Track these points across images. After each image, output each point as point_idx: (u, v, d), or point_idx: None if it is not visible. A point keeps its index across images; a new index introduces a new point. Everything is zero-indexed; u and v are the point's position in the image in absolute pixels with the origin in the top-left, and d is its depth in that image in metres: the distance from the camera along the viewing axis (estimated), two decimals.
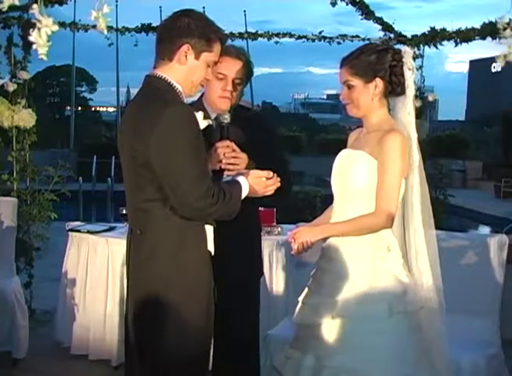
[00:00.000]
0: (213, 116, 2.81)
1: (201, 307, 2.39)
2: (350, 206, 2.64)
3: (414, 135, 2.63)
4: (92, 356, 4.37)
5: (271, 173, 2.48)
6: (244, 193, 2.41)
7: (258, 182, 2.46)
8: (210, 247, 2.46)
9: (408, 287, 2.60)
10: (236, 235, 2.71)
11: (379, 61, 2.60)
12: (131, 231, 2.50)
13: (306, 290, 2.74)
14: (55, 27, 2.15)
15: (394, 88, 2.63)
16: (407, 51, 2.64)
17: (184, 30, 2.36)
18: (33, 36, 2.10)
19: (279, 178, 2.50)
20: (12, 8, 2.12)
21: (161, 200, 2.33)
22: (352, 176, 2.62)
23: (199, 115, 2.44)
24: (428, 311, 2.64)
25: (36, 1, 2.08)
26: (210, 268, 2.44)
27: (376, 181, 2.56)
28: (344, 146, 2.81)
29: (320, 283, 2.67)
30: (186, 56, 2.37)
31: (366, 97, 2.62)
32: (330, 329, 2.58)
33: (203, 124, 2.48)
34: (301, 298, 2.75)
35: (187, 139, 2.27)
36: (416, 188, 2.63)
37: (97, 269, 4.35)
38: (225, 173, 2.68)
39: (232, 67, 2.81)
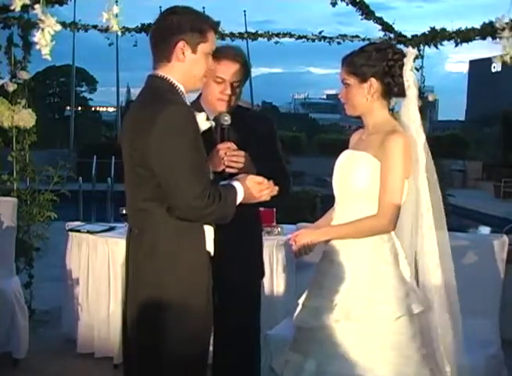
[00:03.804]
0: (211, 117, 2.81)
1: (199, 307, 2.38)
2: (352, 208, 2.62)
3: (418, 138, 2.61)
4: (98, 354, 4.39)
5: (265, 180, 2.46)
6: (239, 198, 2.40)
7: (254, 187, 2.44)
8: (210, 247, 2.45)
9: (411, 289, 2.59)
10: (237, 236, 2.71)
11: (375, 60, 2.58)
12: (129, 230, 2.51)
13: (306, 292, 2.72)
14: (58, 27, 2.15)
15: (391, 89, 2.61)
16: (410, 51, 2.62)
17: (175, 27, 2.36)
18: (36, 36, 2.10)
19: (276, 188, 2.49)
20: (21, 7, 2.12)
21: (159, 199, 2.33)
22: (355, 177, 2.60)
23: (202, 116, 2.45)
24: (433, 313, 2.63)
25: (38, 1, 2.08)
26: (209, 268, 2.43)
27: (378, 183, 2.55)
28: (346, 147, 2.80)
29: (321, 285, 2.65)
30: (184, 53, 2.37)
31: (361, 97, 2.61)
32: (331, 333, 2.56)
33: (205, 125, 2.49)
34: (301, 301, 2.72)
35: (186, 138, 2.28)
36: (424, 190, 2.62)
37: (98, 269, 4.36)
38: (227, 170, 2.68)
39: (230, 71, 2.82)
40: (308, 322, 2.64)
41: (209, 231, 2.44)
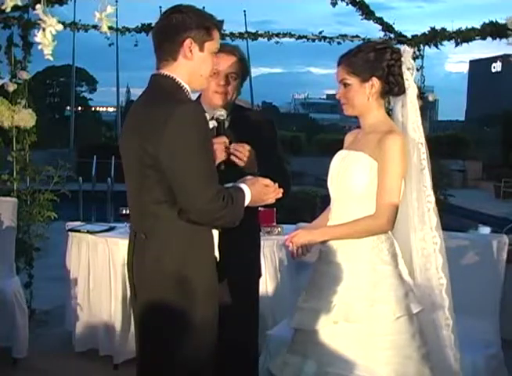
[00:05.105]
0: (211, 115, 2.80)
1: (207, 311, 2.36)
2: (349, 208, 2.61)
3: (413, 137, 2.61)
4: (101, 353, 4.39)
5: (272, 182, 2.45)
6: (247, 201, 2.37)
7: (261, 190, 2.42)
8: (216, 252, 2.43)
9: (410, 288, 2.59)
10: (236, 236, 2.70)
11: (376, 60, 2.57)
12: (134, 235, 2.43)
13: (304, 294, 2.71)
14: (60, 27, 2.14)
15: (391, 88, 2.60)
16: (406, 50, 2.61)
17: (180, 26, 2.33)
18: (38, 37, 2.09)
19: (281, 190, 2.48)
20: (12, 8, 2.11)
21: (169, 202, 2.27)
22: (353, 178, 2.59)
23: (206, 116, 2.43)
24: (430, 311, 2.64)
25: (39, 1, 2.08)
26: (216, 273, 2.41)
27: (375, 183, 2.54)
28: (342, 147, 2.80)
29: (319, 286, 2.64)
30: (191, 50, 2.34)
31: (362, 96, 2.60)
32: (331, 334, 2.56)
33: (209, 124, 2.47)
34: (298, 302, 2.71)
35: (199, 139, 2.23)
36: (415, 189, 2.62)
37: (99, 269, 4.36)
38: (231, 158, 2.65)
39: (225, 63, 2.81)
40: (307, 324, 2.62)
41: (215, 236, 2.41)
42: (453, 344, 2.66)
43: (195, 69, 2.37)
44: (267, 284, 4.29)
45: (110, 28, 2.53)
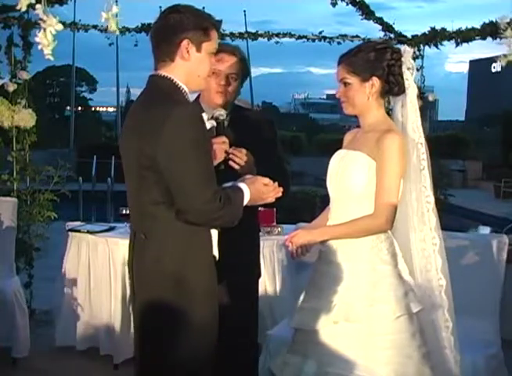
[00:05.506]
0: (210, 115, 2.80)
1: (206, 311, 2.35)
2: (348, 207, 2.61)
3: (412, 137, 2.61)
4: (101, 352, 4.39)
5: (271, 181, 2.45)
6: (246, 201, 2.37)
7: (261, 189, 2.42)
8: (215, 251, 2.43)
9: (410, 288, 2.59)
10: (235, 236, 2.69)
11: (377, 60, 2.58)
12: (134, 235, 2.44)
13: (304, 294, 2.71)
14: (60, 26, 2.14)
15: (391, 88, 2.60)
16: (407, 50, 2.62)
17: (178, 26, 2.32)
18: (38, 37, 2.10)
19: (281, 189, 2.48)
20: (28, 6, 2.12)
21: (167, 203, 2.27)
22: (351, 177, 2.59)
23: (204, 116, 2.43)
24: (429, 311, 2.64)
25: (39, 1, 2.08)
26: (215, 273, 2.40)
27: (374, 182, 2.54)
28: (341, 147, 2.80)
29: (319, 286, 2.64)
30: (188, 51, 2.33)
31: (362, 96, 2.60)
32: (331, 334, 2.55)
33: (208, 125, 2.47)
34: (299, 302, 2.71)
35: (196, 140, 2.23)
36: (414, 189, 2.62)
37: (99, 269, 4.36)
38: (230, 163, 2.66)
39: (226, 63, 2.82)
40: (307, 324, 2.62)
41: (214, 235, 2.41)
42: (453, 346, 2.66)
43: (192, 70, 2.36)
44: (266, 284, 4.30)
45: None
